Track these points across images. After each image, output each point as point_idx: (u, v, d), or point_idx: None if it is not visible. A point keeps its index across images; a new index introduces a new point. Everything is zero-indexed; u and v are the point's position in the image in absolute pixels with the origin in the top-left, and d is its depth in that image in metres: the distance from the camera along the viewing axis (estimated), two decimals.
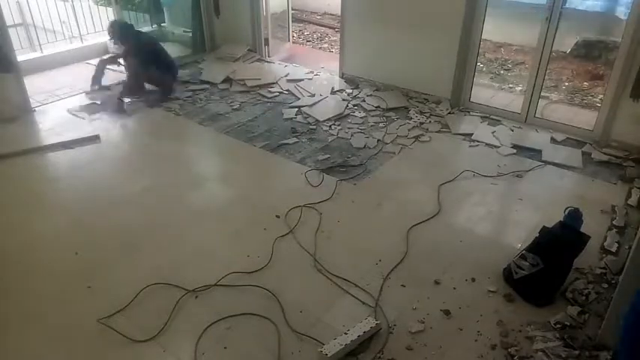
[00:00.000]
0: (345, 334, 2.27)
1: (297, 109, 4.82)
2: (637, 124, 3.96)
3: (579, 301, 2.56)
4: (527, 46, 6.37)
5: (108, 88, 5.17)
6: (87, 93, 5.05)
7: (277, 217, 3.25)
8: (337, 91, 5.29)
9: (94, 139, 4.21)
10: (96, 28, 6.95)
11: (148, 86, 5.08)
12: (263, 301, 2.57)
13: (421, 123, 4.58)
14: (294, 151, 4.10)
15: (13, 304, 2.59)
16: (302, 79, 5.59)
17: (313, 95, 5.16)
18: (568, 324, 2.43)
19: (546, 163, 3.93)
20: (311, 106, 4.90)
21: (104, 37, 6.49)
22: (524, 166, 3.88)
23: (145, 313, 2.50)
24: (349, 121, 4.63)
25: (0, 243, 3.03)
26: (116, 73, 5.39)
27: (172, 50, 6.37)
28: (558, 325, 2.43)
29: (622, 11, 6.14)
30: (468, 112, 4.81)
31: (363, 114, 4.77)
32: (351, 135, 4.36)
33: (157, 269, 2.78)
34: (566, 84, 5.80)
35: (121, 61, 5.08)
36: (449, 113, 4.75)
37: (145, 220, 3.25)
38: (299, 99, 5.08)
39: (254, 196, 3.51)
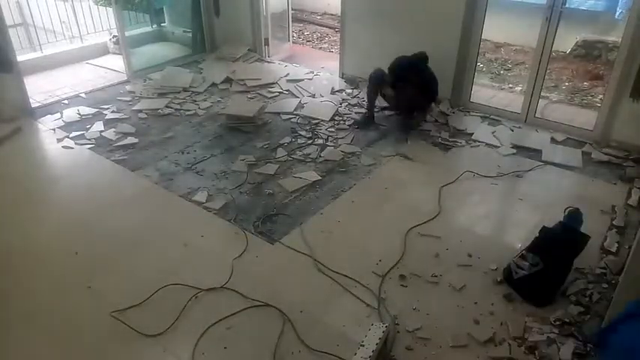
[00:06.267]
0: (362, 345, 2.11)
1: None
2: (637, 124, 3.95)
3: (583, 302, 2.56)
4: (527, 46, 6.37)
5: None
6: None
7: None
8: (337, 91, 5.30)
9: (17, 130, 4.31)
10: (96, 28, 6.96)
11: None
12: (263, 301, 2.56)
13: None
14: (294, 150, 4.09)
15: (13, 303, 2.58)
16: (302, 79, 5.59)
17: (313, 95, 5.17)
18: (567, 320, 2.44)
19: (546, 163, 3.93)
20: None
21: (104, 37, 6.52)
22: (525, 166, 3.88)
23: (145, 313, 2.50)
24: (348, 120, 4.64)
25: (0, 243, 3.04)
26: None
27: (173, 50, 6.41)
28: (558, 322, 2.44)
29: (621, 11, 6.13)
30: (468, 112, 4.80)
31: (362, 113, 4.76)
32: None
33: (157, 269, 2.78)
34: (566, 84, 5.80)
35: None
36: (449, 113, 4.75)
37: (146, 219, 3.25)
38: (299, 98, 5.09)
39: None
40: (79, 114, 4.69)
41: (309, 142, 4.22)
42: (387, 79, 4.39)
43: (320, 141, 4.23)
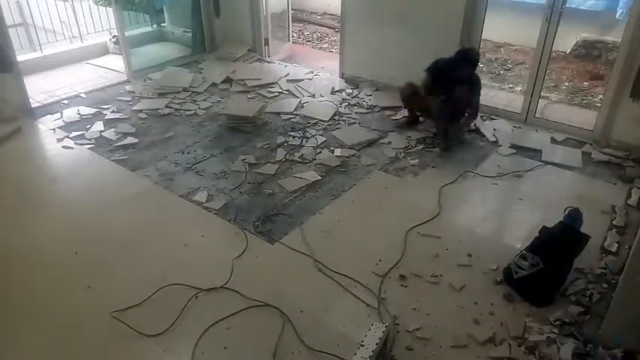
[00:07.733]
0: (362, 345, 2.11)
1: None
2: (637, 124, 3.95)
3: (583, 302, 2.56)
4: (527, 46, 6.37)
5: None
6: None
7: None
8: (337, 91, 5.30)
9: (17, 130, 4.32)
10: (96, 28, 6.95)
11: None
12: (263, 301, 2.56)
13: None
14: (294, 150, 4.09)
15: (13, 303, 2.59)
16: (302, 79, 5.59)
17: (313, 95, 5.17)
18: (567, 321, 2.44)
19: (546, 163, 3.93)
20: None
21: (104, 37, 6.51)
22: (524, 166, 3.88)
23: (145, 313, 2.50)
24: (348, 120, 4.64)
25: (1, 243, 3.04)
26: None
27: (173, 50, 6.41)
28: (558, 322, 2.44)
29: (621, 11, 6.13)
30: None
31: (362, 113, 4.77)
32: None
33: (157, 269, 2.78)
34: (566, 84, 5.80)
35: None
36: None
37: (146, 219, 3.25)
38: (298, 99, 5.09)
39: None
40: (79, 114, 4.69)
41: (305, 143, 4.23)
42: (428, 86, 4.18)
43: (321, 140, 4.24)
